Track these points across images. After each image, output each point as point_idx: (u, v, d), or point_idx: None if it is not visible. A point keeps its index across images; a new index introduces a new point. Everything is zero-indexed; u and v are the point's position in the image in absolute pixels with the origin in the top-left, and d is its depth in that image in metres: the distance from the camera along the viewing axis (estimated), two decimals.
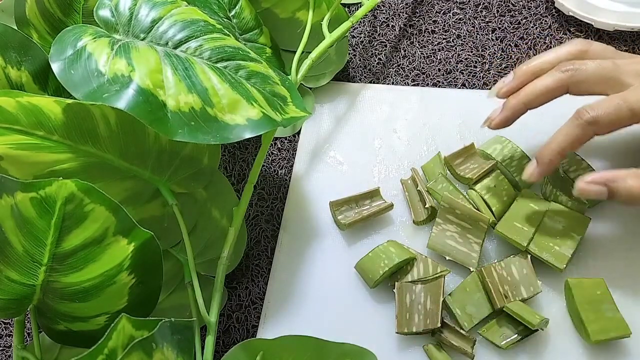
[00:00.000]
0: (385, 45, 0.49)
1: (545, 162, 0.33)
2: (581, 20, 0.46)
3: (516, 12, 0.48)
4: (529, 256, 0.35)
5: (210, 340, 0.33)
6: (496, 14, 0.49)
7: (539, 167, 0.34)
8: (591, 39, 0.46)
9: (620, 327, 0.33)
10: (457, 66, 0.47)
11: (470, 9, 0.49)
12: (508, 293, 0.34)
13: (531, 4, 0.48)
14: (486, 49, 0.47)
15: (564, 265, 0.35)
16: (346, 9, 0.50)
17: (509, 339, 0.34)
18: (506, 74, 0.46)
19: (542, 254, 0.35)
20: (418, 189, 0.40)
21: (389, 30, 0.50)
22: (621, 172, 0.31)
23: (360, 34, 0.50)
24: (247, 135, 0.30)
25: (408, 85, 0.47)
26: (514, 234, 0.35)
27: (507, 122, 0.36)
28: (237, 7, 0.39)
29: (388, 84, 0.47)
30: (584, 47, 0.35)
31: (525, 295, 0.34)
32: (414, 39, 0.49)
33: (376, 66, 0.48)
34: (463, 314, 0.35)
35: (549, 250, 0.35)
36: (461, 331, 0.34)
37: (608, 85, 0.33)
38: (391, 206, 0.40)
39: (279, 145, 0.46)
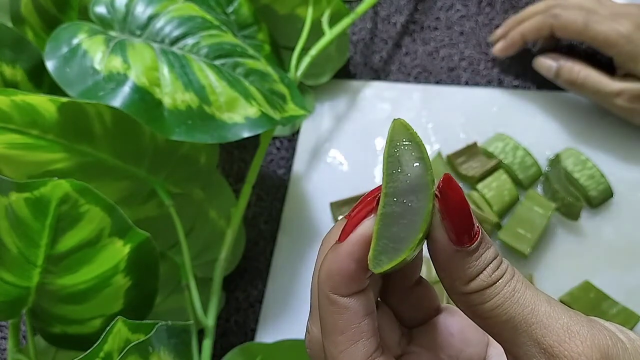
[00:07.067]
0: (387, 42, 0.48)
1: (513, 39, 0.42)
2: None
3: (519, 9, 0.47)
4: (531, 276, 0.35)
5: (207, 344, 0.32)
6: (499, 11, 0.48)
7: (505, 43, 0.43)
8: None
9: (630, 317, 0.32)
10: (460, 63, 0.46)
11: (473, 5, 0.48)
12: None
13: (534, 0, 0.48)
14: (489, 46, 0.46)
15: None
16: (347, 5, 0.49)
17: None
18: (510, 71, 0.45)
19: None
20: None
21: (391, 27, 0.49)
22: (573, 62, 0.40)
23: (361, 30, 0.49)
24: (246, 135, 0.30)
25: (410, 82, 0.46)
26: (516, 241, 0.35)
27: (507, 49, 0.43)
28: (235, 3, 0.39)
29: (390, 81, 0.46)
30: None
31: None
32: (416, 36, 0.48)
33: (377, 63, 0.48)
34: None
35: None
36: None
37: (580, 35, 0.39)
38: None
39: (278, 145, 0.45)
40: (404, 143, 0.16)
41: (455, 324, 0.19)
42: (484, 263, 0.16)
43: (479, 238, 0.16)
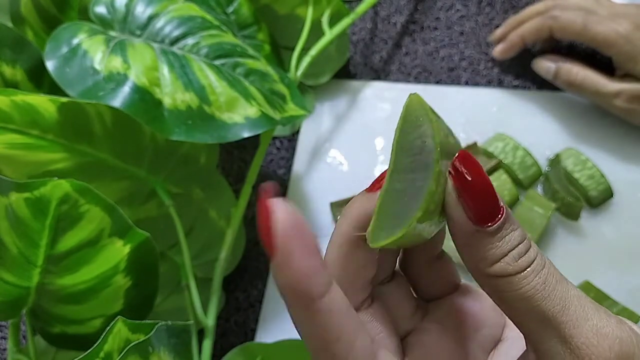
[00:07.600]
0: (387, 42, 0.48)
1: (513, 41, 0.43)
2: None
3: (519, 9, 0.47)
4: None
5: (207, 344, 0.32)
6: (499, 11, 0.48)
7: (505, 45, 0.43)
8: None
9: (630, 317, 0.32)
10: (460, 64, 0.46)
11: (473, 5, 0.48)
12: None
13: (534, 0, 0.48)
14: (490, 46, 0.46)
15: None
16: (347, 5, 0.49)
17: None
18: (510, 71, 0.45)
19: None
20: None
21: (391, 27, 0.49)
22: (572, 64, 0.40)
23: (361, 30, 0.49)
24: (246, 135, 0.30)
25: (410, 82, 0.46)
26: None
27: (506, 52, 0.44)
28: (235, 3, 0.39)
29: (390, 81, 0.46)
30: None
31: None
32: (416, 36, 0.48)
33: (377, 63, 0.48)
34: None
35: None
36: None
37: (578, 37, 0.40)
38: None
39: (278, 145, 0.45)
40: (418, 120, 0.15)
41: (473, 303, 0.19)
42: (508, 245, 0.15)
43: (502, 217, 0.15)
